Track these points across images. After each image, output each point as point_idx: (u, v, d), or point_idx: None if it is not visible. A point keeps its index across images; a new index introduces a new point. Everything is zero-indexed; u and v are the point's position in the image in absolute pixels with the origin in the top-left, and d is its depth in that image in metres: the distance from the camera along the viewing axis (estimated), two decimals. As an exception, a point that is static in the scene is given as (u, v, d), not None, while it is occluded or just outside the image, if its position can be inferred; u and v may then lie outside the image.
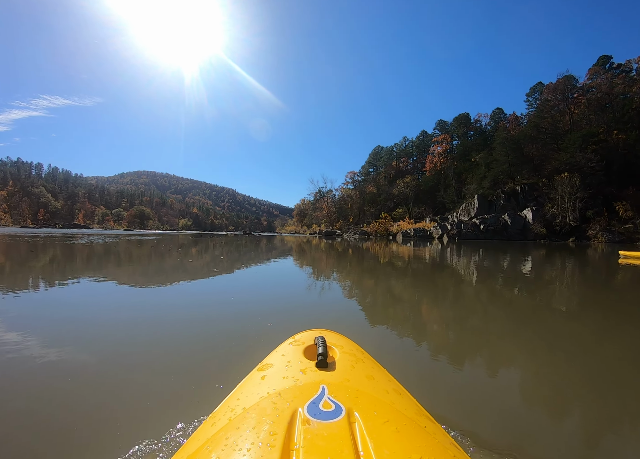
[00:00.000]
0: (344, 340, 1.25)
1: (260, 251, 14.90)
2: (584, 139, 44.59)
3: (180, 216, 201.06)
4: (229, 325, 3.01)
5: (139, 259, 9.65)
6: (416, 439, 0.65)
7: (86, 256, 10.02)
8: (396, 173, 74.02)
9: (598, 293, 5.42)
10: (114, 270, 7.04)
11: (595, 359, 2.40)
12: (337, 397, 0.77)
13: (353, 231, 55.30)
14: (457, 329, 3.07)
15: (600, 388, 1.91)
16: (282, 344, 1.21)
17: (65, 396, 1.70)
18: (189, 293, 4.58)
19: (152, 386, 1.82)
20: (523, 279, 6.89)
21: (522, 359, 2.40)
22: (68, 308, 3.52)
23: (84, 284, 4.98)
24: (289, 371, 0.94)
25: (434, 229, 40.68)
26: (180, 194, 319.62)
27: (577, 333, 3.05)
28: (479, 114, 68.78)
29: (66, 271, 6.72)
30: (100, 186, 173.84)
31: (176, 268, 7.70)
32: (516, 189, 46.73)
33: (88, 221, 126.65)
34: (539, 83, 61.42)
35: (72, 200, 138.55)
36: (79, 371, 1.98)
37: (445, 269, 8.61)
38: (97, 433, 1.40)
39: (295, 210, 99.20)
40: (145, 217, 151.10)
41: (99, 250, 12.59)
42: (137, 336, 2.64)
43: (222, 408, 0.87)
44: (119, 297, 4.13)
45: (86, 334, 2.65)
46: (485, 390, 1.86)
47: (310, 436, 0.63)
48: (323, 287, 5.30)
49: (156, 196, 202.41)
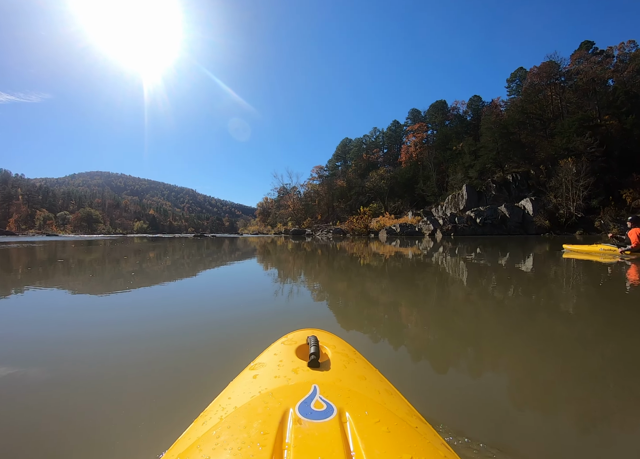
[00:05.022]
0: (337, 340, 1.24)
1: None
2: (579, 123, 40.11)
3: (136, 218, 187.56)
4: (220, 325, 2.90)
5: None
6: (407, 440, 0.65)
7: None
8: (367, 166, 68.49)
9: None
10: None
11: (592, 359, 2.21)
12: (328, 397, 0.76)
13: (325, 229, 48.06)
14: (459, 331, 2.80)
15: (595, 388, 1.80)
16: (275, 344, 1.19)
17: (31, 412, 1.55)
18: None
19: (141, 384, 1.78)
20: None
21: (523, 359, 2.23)
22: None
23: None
24: (281, 371, 0.93)
25: (423, 224, 34.17)
26: (137, 195, 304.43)
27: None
28: (455, 101, 64.29)
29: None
30: (45, 188, 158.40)
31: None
32: (507, 179, 41.52)
33: (23, 226, 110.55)
34: (520, 68, 58.14)
35: (8, 203, 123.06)
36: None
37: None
38: (81, 438, 1.34)
39: (258, 209, 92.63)
40: (94, 221, 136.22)
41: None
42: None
43: (213, 406, 0.86)
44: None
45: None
46: (480, 390, 1.78)
47: (302, 435, 0.62)
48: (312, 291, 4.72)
49: (109, 198, 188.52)
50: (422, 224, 34.49)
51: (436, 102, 63.89)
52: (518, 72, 57.88)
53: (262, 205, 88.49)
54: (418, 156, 60.23)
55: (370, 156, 72.04)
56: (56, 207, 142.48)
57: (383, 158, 72.69)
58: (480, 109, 60.86)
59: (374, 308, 3.74)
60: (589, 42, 53.97)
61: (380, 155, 73.57)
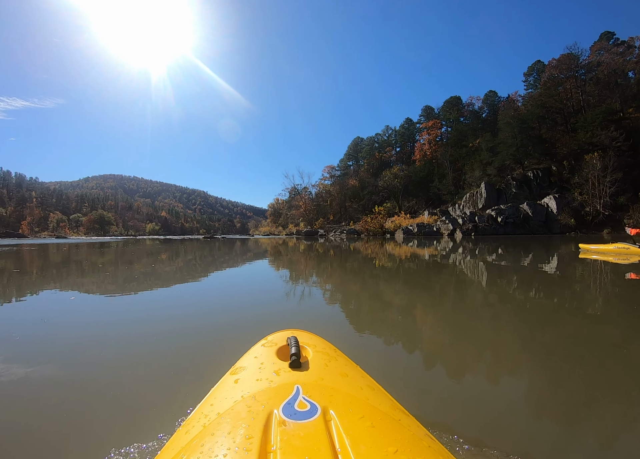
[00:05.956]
0: (317, 339, 1.23)
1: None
2: (603, 116, 38.37)
3: (148, 220, 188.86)
4: (198, 333, 2.84)
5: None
6: (391, 433, 0.66)
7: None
8: (379, 165, 67.27)
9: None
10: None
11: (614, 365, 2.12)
12: (312, 396, 0.77)
13: (338, 229, 47.03)
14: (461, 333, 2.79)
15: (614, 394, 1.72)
16: (255, 347, 1.19)
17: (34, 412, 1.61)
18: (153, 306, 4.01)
19: (122, 397, 1.74)
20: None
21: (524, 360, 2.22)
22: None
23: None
24: (263, 373, 0.93)
25: (441, 224, 33.00)
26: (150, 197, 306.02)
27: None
28: (470, 97, 62.37)
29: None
30: (58, 191, 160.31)
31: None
32: (527, 175, 40.00)
33: (37, 229, 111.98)
34: (537, 61, 56.18)
35: (22, 205, 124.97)
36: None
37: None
38: (66, 445, 1.36)
39: (269, 210, 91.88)
40: (106, 223, 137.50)
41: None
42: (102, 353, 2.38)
43: (195, 414, 0.85)
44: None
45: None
46: (459, 386, 1.79)
47: (287, 437, 0.62)
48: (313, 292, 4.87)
49: (122, 200, 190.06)
50: (441, 223, 33.33)
51: (450, 98, 62.29)
52: (536, 66, 56.00)
53: (273, 206, 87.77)
54: (432, 153, 58.79)
55: (383, 155, 70.59)
56: (70, 210, 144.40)
57: (396, 157, 71.24)
58: (496, 104, 59.03)
59: (380, 310, 3.76)
60: (609, 32, 51.75)
61: (393, 153, 72.13)
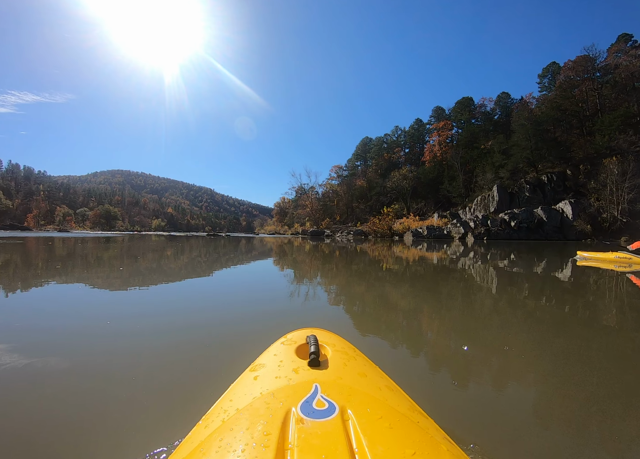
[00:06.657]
0: (336, 338, 1.24)
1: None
2: (621, 120, 37.20)
3: (154, 216, 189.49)
4: (219, 328, 2.82)
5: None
6: (409, 435, 0.66)
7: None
8: (388, 166, 66.17)
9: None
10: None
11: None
12: (330, 395, 0.77)
13: (344, 230, 46.20)
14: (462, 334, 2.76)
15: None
16: (274, 344, 1.20)
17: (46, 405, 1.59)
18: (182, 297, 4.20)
19: (143, 391, 1.73)
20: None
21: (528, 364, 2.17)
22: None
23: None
24: (282, 371, 0.93)
25: (452, 227, 32.09)
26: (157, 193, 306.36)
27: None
28: (482, 98, 60.88)
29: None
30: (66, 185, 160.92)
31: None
32: (541, 179, 38.88)
33: (42, 222, 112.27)
34: (552, 63, 54.84)
35: (29, 198, 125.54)
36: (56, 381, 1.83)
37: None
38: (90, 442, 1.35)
39: (275, 209, 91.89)
40: (112, 218, 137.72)
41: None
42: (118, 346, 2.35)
43: (214, 409, 0.86)
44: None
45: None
46: (476, 392, 1.79)
47: (305, 435, 0.63)
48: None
49: (129, 196, 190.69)
50: (452, 226, 32.42)
51: (462, 98, 61.04)
52: (550, 67, 54.71)
53: (279, 205, 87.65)
54: (443, 155, 57.60)
55: (392, 156, 69.48)
56: (76, 204, 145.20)
57: (405, 158, 70.10)
58: (509, 106, 57.78)
59: (389, 311, 3.74)
60: (627, 34, 50.29)
61: (402, 154, 70.95)
